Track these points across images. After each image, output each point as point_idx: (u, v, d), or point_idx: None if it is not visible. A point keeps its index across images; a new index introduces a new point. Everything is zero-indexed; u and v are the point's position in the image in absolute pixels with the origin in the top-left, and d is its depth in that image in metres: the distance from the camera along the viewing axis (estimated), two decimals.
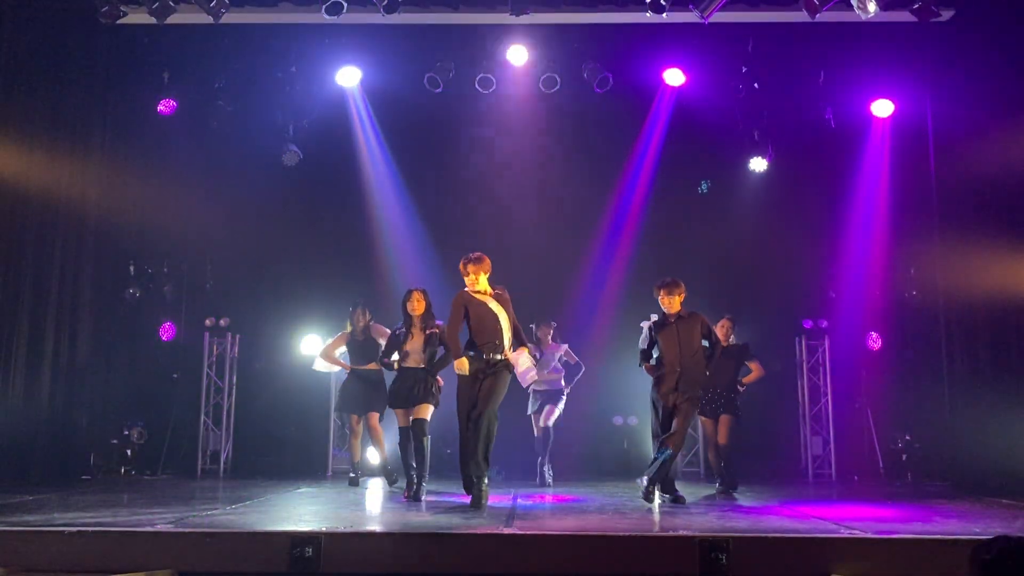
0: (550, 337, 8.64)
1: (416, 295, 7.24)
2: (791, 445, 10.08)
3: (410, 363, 7.14)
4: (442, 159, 10.37)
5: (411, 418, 7.04)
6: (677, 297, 6.87)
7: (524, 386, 7.42)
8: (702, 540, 4.42)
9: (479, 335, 6.41)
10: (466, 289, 6.53)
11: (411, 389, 7.06)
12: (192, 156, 10.13)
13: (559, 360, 8.61)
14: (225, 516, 5.62)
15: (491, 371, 6.36)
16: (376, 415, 8.07)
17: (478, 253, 6.55)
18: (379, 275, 10.15)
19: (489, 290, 6.52)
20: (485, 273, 6.50)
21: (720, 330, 7.87)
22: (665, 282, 6.92)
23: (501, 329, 6.43)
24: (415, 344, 7.15)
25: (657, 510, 6.24)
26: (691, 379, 6.75)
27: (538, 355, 8.29)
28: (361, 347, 8.29)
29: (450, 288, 9.28)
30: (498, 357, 6.38)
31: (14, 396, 8.22)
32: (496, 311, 6.45)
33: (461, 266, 6.53)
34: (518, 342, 6.55)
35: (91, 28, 8.69)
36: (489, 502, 6.28)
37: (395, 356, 7.24)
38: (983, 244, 8.06)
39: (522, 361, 6.56)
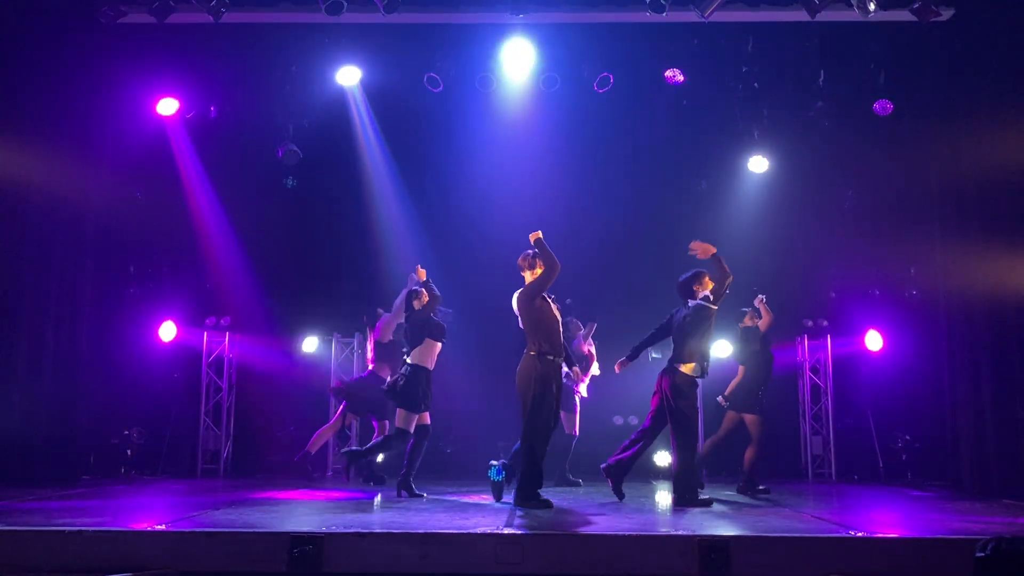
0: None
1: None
2: (791, 445, 10.08)
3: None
4: (441, 158, 10.37)
5: (423, 422, 7.12)
6: None
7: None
8: (702, 540, 4.41)
9: (552, 337, 6.40)
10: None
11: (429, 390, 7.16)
12: (192, 156, 10.13)
13: None
14: (225, 516, 5.61)
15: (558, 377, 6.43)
16: None
17: None
18: (378, 275, 10.16)
19: None
20: None
21: (752, 319, 8.05)
22: None
23: (560, 331, 6.51)
24: None
25: (657, 510, 6.24)
26: None
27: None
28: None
29: (448, 289, 9.32)
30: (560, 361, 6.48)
31: (14, 396, 8.22)
32: (557, 315, 6.52)
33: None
34: None
35: (91, 28, 8.69)
36: (489, 502, 6.29)
37: None
38: (983, 243, 8.06)
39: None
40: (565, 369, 6.65)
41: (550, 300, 6.53)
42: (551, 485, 8.03)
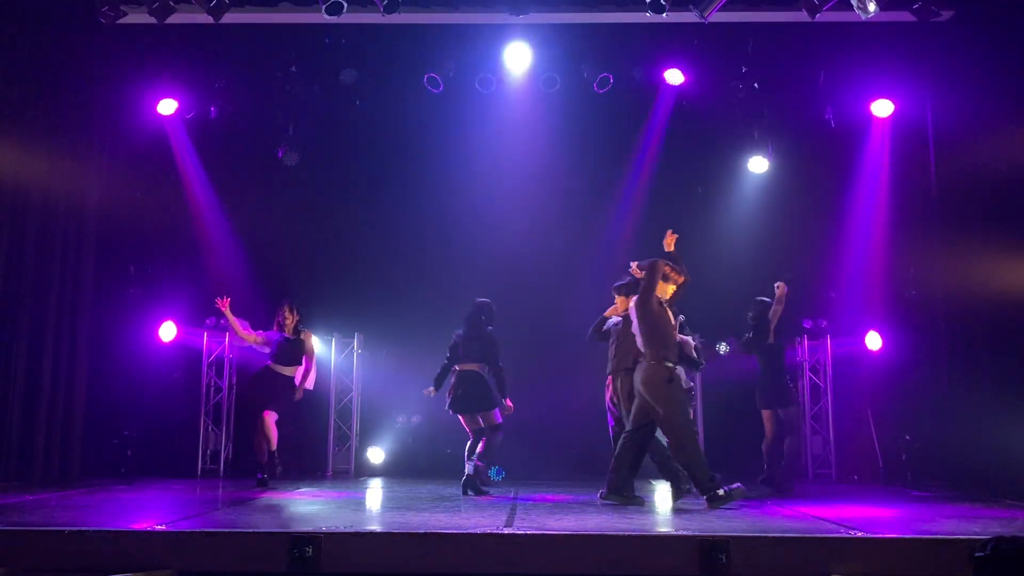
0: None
1: None
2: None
3: None
4: (441, 159, 10.36)
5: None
6: None
7: None
8: (702, 540, 4.41)
9: (670, 342, 6.53)
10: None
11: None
12: (192, 156, 10.12)
13: None
14: (225, 516, 5.62)
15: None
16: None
17: None
18: (378, 275, 10.15)
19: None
20: None
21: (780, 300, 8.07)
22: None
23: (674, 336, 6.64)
24: None
25: (657, 510, 6.24)
26: None
27: None
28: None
29: (448, 290, 9.32)
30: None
31: (15, 396, 8.21)
32: (673, 321, 6.66)
33: (675, 272, 6.74)
34: None
35: (91, 28, 8.68)
36: (489, 502, 6.29)
37: None
38: (983, 244, 8.06)
39: None
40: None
41: (666, 306, 6.65)
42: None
